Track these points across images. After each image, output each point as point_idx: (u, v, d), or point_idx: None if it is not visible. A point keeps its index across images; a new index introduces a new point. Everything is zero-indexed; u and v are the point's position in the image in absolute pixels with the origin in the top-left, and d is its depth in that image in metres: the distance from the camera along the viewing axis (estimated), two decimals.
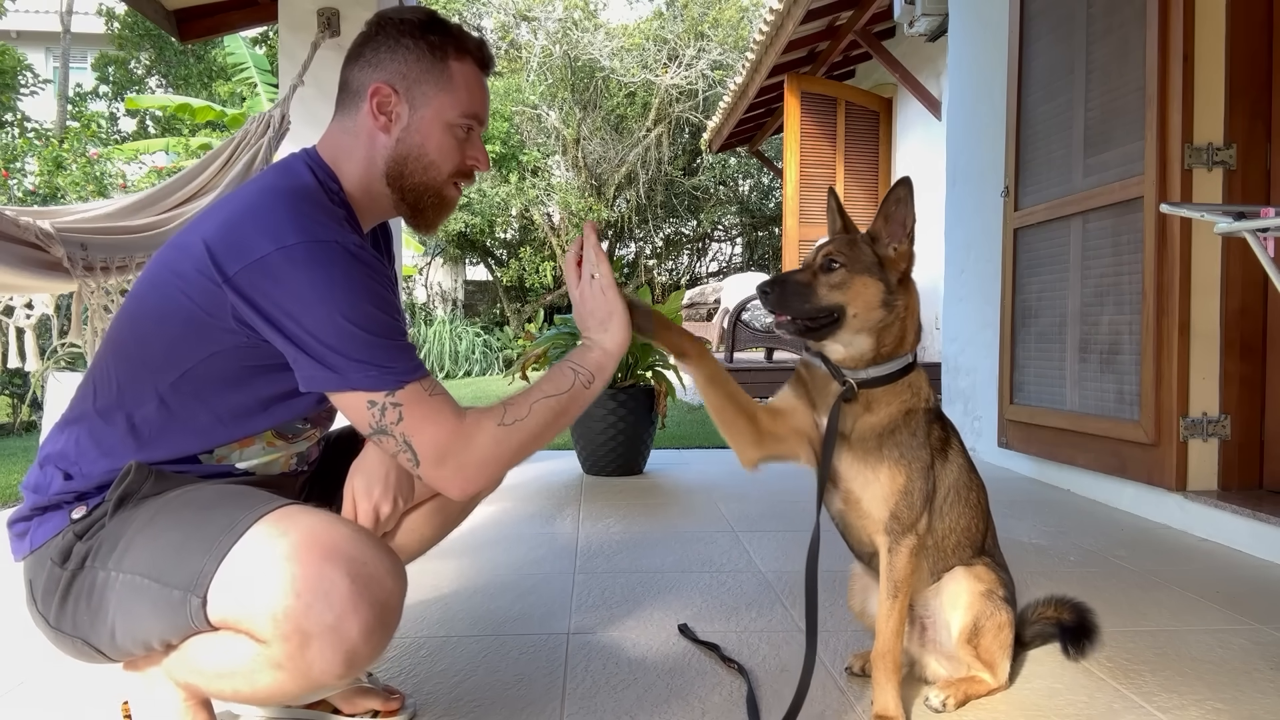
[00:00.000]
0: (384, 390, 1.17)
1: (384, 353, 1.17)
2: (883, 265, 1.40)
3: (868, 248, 1.41)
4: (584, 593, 2.21)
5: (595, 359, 1.33)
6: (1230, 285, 2.86)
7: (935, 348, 7.22)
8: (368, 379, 1.16)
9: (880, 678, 1.47)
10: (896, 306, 1.41)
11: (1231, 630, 1.95)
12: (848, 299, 1.38)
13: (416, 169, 1.33)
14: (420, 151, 1.32)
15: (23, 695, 1.62)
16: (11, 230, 2.16)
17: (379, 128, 1.31)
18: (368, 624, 1.09)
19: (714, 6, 14.47)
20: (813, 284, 1.39)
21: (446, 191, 1.37)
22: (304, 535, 1.11)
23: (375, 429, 1.19)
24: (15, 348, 2.63)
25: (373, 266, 1.21)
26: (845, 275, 1.39)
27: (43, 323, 3.63)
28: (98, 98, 15.01)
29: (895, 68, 7.44)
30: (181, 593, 1.11)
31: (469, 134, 1.36)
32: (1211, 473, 2.88)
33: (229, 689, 1.18)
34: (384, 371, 1.17)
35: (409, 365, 1.19)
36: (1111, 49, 3.18)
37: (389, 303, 1.22)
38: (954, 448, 1.54)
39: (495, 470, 1.24)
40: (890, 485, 1.42)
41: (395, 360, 1.18)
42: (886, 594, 1.46)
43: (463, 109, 1.33)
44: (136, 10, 3.85)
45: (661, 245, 16.50)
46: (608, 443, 3.82)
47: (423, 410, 1.18)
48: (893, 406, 1.44)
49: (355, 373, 1.16)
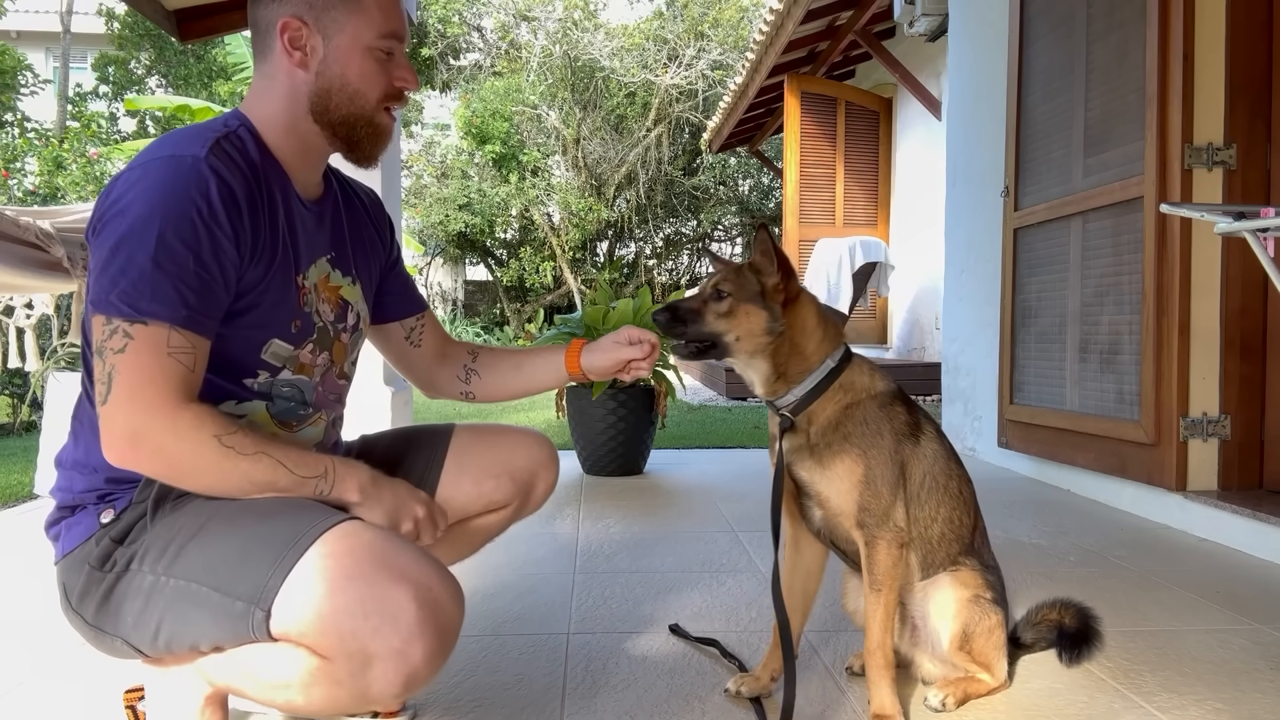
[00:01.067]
0: (121, 318, 1.08)
1: (146, 281, 1.08)
2: (765, 294, 1.47)
3: (753, 277, 1.48)
4: (584, 593, 2.21)
5: (347, 491, 1.20)
6: (1230, 285, 2.86)
7: (935, 348, 7.22)
8: (109, 301, 1.08)
9: (873, 675, 1.47)
10: (782, 331, 1.47)
11: (1231, 630, 1.95)
12: (731, 326, 1.46)
13: (341, 100, 1.26)
14: (342, 82, 1.25)
15: (23, 695, 1.63)
16: (11, 230, 2.16)
17: (295, 64, 1.24)
18: (431, 649, 1.07)
19: (714, 6, 14.48)
20: (702, 311, 1.47)
21: (379, 119, 1.30)
22: (371, 555, 1.09)
23: (97, 348, 1.10)
24: (15, 348, 2.63)
25: (208, 200, 1.12)
26: (731, 304, 1.46)
27: (43, 323, 3.63)
28: (98, 98, 15.00)
29: (895, 68, 7.44)
30: (245, 605, 1.09)
31: (391, 55, 1.28)
32: (1211, 473, 2.88)
33: (281, 699, 1.16)
34: (132, 296, 1.07)
35: (170, 307, 1.08)
36: (1111, 49, 3.18)
37: (195, 236, 1.10)
38: (926, 434, 1.54)
39: (164, 466, 1.11)
40: (849, 477, 1.45)
41: (156, 294, 1.08)
42: (870, 589, 1.47)
43: (378, 29, 1.25)
44: (136, 10, 3.85)
45: (661, 245, 16.50)
46: (608, 443, 3.82)
47: (151, 361, 1.08)
48: (829, 410, 1.48)
49: (102, 286, 1.09)
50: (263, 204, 1.22)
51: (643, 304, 3.85)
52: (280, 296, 1.25)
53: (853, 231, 8.12)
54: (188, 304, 1.10)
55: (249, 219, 1.18)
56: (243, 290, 1.20)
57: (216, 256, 1.13)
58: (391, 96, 1.30)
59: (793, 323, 1.48)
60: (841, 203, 8.47)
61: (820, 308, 1.53)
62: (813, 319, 1.50)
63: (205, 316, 1.13)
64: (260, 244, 1.21)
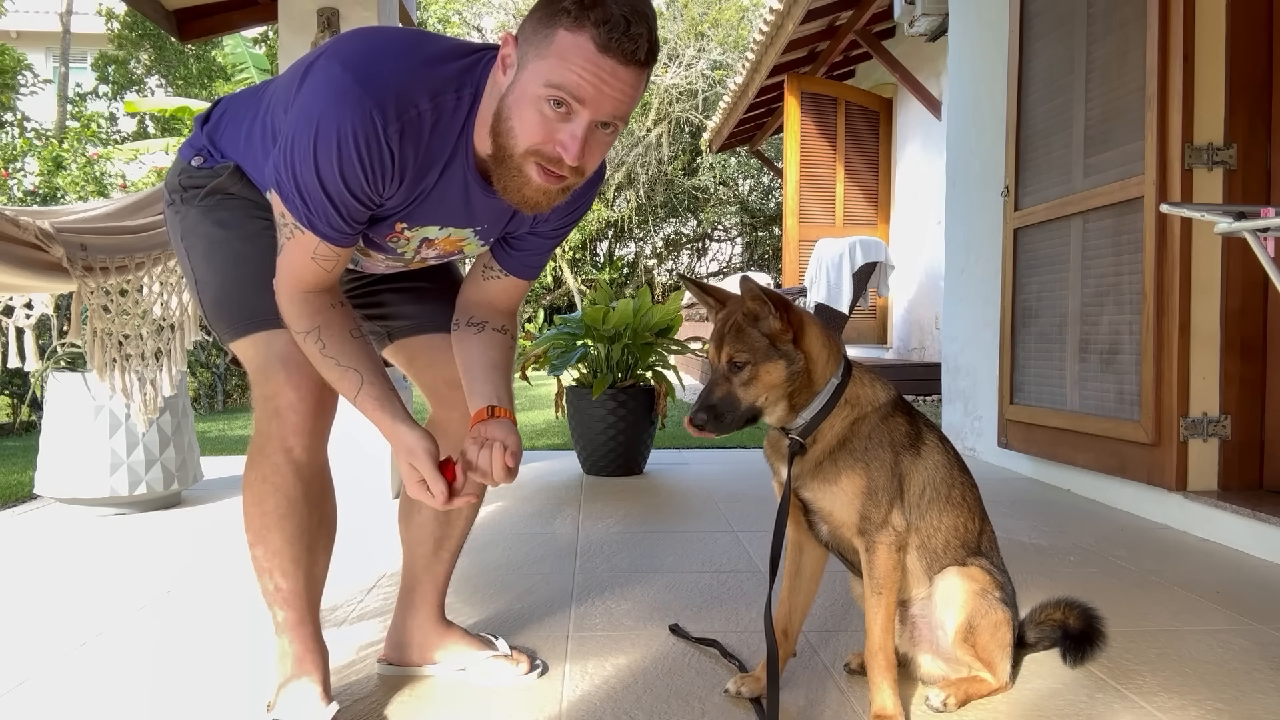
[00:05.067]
0: (295, 217, 1.31)
1: (316, 202, 1.29)
2: (774, 340, 1.46)
3: (755, 331, 1.46)
4: (584, 593, 2.21)
5: (390, 423, 1.36)
6: (1230, 285, 2.86)
7: (935, 348, 7.22)
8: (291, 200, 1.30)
9: (875, 676, 1.47)
10: (799, 367, 1.47)
11: (1231, 630, 1.95)
12: (759, 391, 1.46)
13: (503, 129, 1.26)
14: (509, 112, 1.24)
15: (23, 695, 1.62)
16: (11, 230, 2.16)
17: (499, 71, 1.27)
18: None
19: (714, 6, 14.48)
20: (732, 390, 1.47)
21: (525, 167, 1.26)
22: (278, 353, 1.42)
23: (280, 213, 1.34)
24: (15, 348, 2.63)
25: (384, 144, 1.26)
26: (751, 371, 1.46)
27: (43, 323, 3.63)
28: (97, 98, 15.00)
29: (895, 68, 7.44)
30: (215, 326, 1.48)
31: (564, 112, 1.21)
32: (1212, 473, 2.88)
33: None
34: (303, 209, 1.30)
35: (325, 227, 1.31)
36: (1111, 49, 3.18)
37: (362, 175, 1.27)
38: (928, 443, 1.55)
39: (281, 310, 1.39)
40: (852, 489, 1.47)
41: (320, 215, 1.30)
42: (871, 592, 1.48)
43: (548, 78, 1.19)
44: (136, 10, 3.85)
45: (661, 245, 16.50)
46: (608, 443, 3.82)
47: (299, 259, 1.34)
48: (836, 427, 1.49)
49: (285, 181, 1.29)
50: (425, 164, 1.34)
51: (642, 304, 3.85)
52: (374, 229, 1.42)
53: (853, 231, 8.12)
54: (335, 228, 1.32)
55: (409, 172, 1.32)
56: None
57: (370, 195, 1.31)
58: (541, 154, 1.25)
59: (804, 354, 1.48)
60: (841, 203, 8.47)
61: (821, 328, 1.52)
62: (818, 342, 1.50)
63: (348, 235, 1.35)
64: (399, 197, 1.35)
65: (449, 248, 1.51)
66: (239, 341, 1.46)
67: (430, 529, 1.67)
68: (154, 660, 1.79)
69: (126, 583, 2.34)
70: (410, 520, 1.69)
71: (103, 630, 1.96)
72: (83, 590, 2.29)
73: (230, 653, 1.82)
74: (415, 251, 1.50)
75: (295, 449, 1.43)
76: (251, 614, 1.95)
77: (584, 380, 3.96)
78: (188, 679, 1.69)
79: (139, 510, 3.25)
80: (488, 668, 1.67)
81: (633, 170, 14.79)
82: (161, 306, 2.76)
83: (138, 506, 3.25)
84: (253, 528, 1.45)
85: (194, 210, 1.48)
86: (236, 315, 1.45)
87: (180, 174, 1.51)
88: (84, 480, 3.13)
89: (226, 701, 1.58)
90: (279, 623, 1.47)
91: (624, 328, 3.80)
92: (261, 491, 1.43)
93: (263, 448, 1.44)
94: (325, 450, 1.50)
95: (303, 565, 1.46)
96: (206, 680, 1.69)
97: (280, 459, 1.42)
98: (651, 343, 3.87)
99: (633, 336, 3.81)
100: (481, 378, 1.49)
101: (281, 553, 1.44)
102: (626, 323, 3.79)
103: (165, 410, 3.20)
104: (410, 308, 1.66)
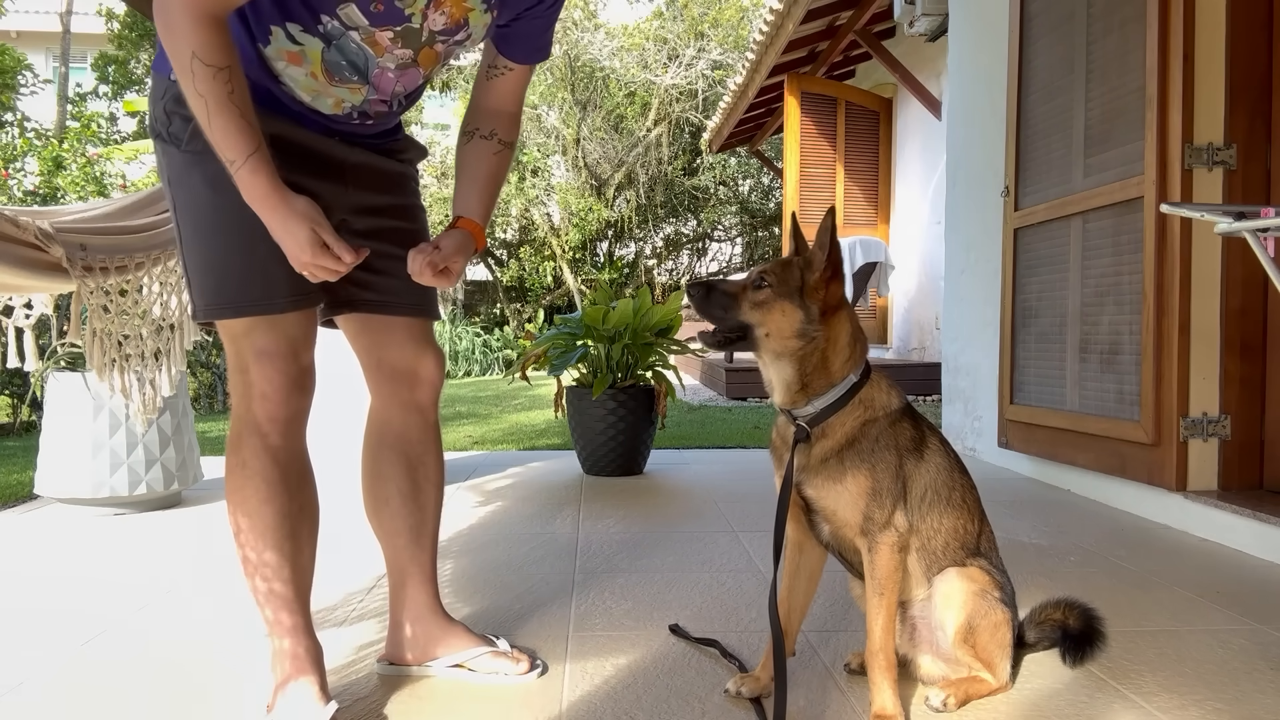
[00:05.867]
0: None
1: None
2: (804, 291, 1.43)
3: (799, 273, 1.45)
4: (584, 593, 2.21)
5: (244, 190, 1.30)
6: (1230, 285, 2.86)
7: (935, 348, 7.22)
8: None
9: (875, 676, 1.47)
10: (815, 338, 1.44)
11: (1231, 630, 1.95)
12: (765, 319, 1.42)
13: None
14: None
15: (23, 694, 1.62)
16: (11, 230, 2.16)
17: None
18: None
19: (714, 6, 14.48)
20: (739, 297, 1.43)
21: None
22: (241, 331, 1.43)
23: None
24: (15, 348, 2.63)
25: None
26: (769, 295, 1.43)
27: (43, 323, 3.63)
28: (97, 98, 15.00)
29: (895, 68, 7.44)
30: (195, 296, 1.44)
31: None
32: (1211, 473, 2.88)
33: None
34: None
35: None
36: (1111, 49, 3.18)
37: None
38: (931, 447, 1.55)
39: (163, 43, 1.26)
40: (857, 490, 1.46)
41: None
42: (873, 593, 1.48)
43: None
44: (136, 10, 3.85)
45: (661, 245, 16.51)
46: (607, 443, 3.82)
47: None
48: (847, 425, 1.48)
49: None
50: None
51: (642, 304, 3.85)
52: None
53: (853, 231, 8.12)
54: None
55: None
56: None
57: None
58: None
59: (827, 334, 1.45)
60: (841, 203, 8.46)
61: (855, 324, 1.51)
62: (845, 335, 1.48)
63: None
64: None
65: (455, 12, 1.42)
66: (218, 321, 1.45)
67: (403, 516, 1.66)
68: (154, 660, 1.79)
69: (126, 583, 2.34)
70: (380, 514, 1.68)
71: (103, 630, 1.96)
72: (83, 590, 2.29)
73: (230, 653, 1.82)
74: (423, 16, 1.39)
75: (271, 435, 1.43)
76: (251, 614, 1.95)
77: (584, 380, 3.96)
78: (188, 679, 1.69)
79: (139, 510, 3.25)
80: (488, 664, 1.67)
81: (633, 170, 14.80)
82: (161, 306, 2.76)
83: (138, 506, 3.25)
84: (233, 515, 1.45)
85: (182, 156, 1.40)
86: (217, 294, 1.43)
87: (165, 98, 1.40)
88: (84, 480, 3.13)
89: (226, 701, 1.59)
90: (271, 622, 1.47)
91: (624, 328, 3.80)
92: (241, 478, 1.44)
93: (240, 433, 1.44)
94: (303, 437, 1.50)
95: (287, 554, 1.46)
96: (206, 680, 1.69)
97: (257, 443, 1.43)
98: (651, 343, 3.87)
99: (633, 336, 3.81)
100: (463, 190, 1.58)
101: (264, 538, 1.44)
102: (626, 323, 3.79)
103: (165, 410, 3.21)
104: (385, 280, 1.61)
